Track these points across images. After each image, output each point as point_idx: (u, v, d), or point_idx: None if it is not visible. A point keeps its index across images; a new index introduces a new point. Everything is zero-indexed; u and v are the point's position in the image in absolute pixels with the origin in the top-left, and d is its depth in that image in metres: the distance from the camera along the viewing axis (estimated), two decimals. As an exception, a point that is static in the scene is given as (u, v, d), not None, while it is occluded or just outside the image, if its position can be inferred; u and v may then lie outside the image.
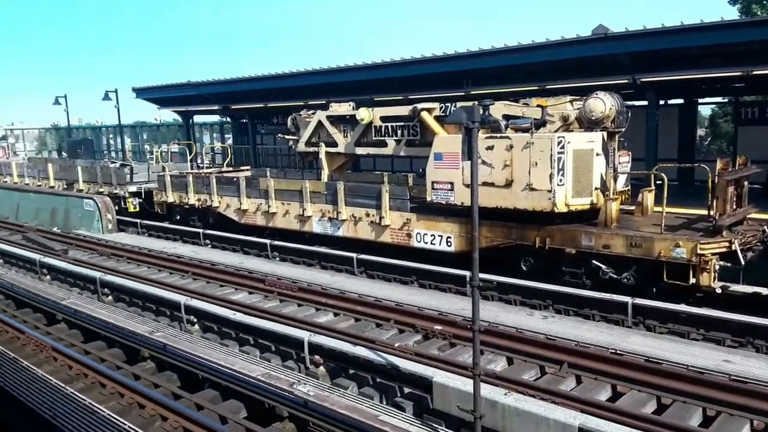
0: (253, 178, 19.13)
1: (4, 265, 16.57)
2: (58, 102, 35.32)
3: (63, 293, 12.82)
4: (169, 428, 6.97)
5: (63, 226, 21.29)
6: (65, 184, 26.60)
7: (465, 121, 5.89)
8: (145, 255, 16.39)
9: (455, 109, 7.37)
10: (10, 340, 10.03)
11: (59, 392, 7.78)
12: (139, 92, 31.09)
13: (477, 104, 5.92)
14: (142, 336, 9.57)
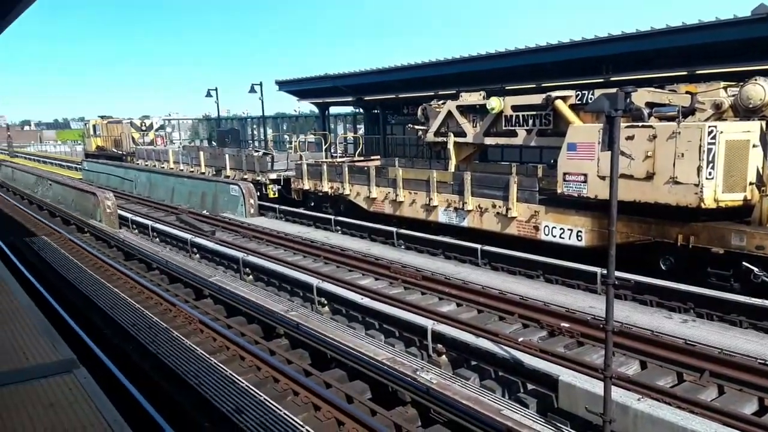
0: (383, 168, 19.58)
1: (160, 243, 18.42)
2: (209, 95, 38.56)
3: (210, 271, 14.01)
4: (299, 402, 7.41)
5: (211, 209, 23.22)
6: (214, 170, 29.00)
7: (607, 109, 5.58)
8: (282, 238, 17.41)
9: (597, 97, 7.01)
10: (163, 312, 11.17)
11: (204, 362, 8.55)
12: (281, 85, 33.01)
13: (619, 91, 5.57)
14: (278, 314, 10.22)
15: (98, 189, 22.65)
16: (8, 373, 5.43)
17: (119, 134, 44.42)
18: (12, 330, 6.60)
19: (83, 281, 13.02)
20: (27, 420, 4.55)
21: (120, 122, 45.76)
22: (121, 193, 29.13)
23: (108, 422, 4.42)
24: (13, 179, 35.33)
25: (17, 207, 26.07)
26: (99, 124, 46.54)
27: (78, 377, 5.26)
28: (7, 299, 7.85)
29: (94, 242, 18.28)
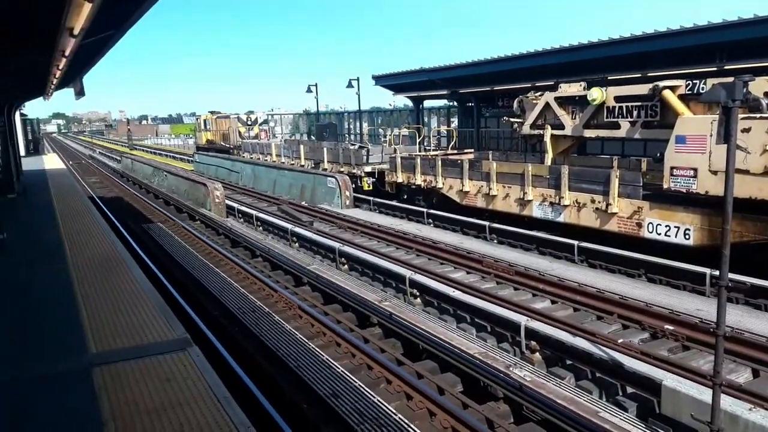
0: (476, 161, 19.40)
1: (263, 231, 19.38)
2: (309, 90, 39.88)
3: (308, 259, 14.59)
4: (392, 391, 7.60)
5: (310, 200, 24.07)
6: (313, 163, 30.00)
7: (723, 100, 5.23)
8: (375, 230, 17.76)
9: (711, 87, 6.57)
10: (265, 297, 11.78)
11: (303, 346, 8.96)
12: (377, 80, 33.50)
13: (737, 80, 5.21)
14: (372, 303, 10.49)
15: (208, 180, 24.15)
16: (131, 349, 6.02)
17: (227, 129, 46.95)
18: (133, 310, 7.27)
19: (194, 266, 14.00)
20: (146, 392, 5.03)
21: (228, 117, 48.38)
22: (228, 184, 30.85)
23: (218, 398, 4.80)
24: (132, 170, 38.41)
25: (136, 196, 28.36)
26: (209, 119, 49.48)
27: (191, 355, 5.73)
28: (129, 281, 8.64)
29: (204, 229, 19.56)
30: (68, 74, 12.41)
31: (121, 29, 8.56)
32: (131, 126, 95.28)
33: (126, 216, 21.89)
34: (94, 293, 8.03)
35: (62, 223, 13.77)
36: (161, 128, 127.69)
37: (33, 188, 20.86)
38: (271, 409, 6.86)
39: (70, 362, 5.70)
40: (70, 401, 4.93)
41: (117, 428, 4.40)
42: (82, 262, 9.86)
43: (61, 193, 19.62)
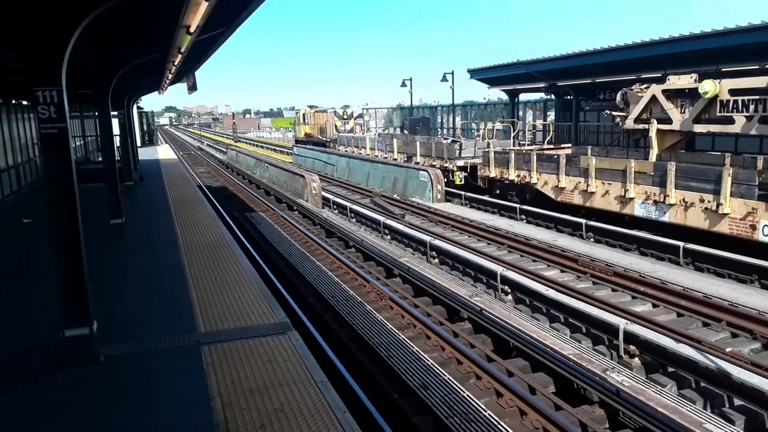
0: (574, 156, 18.77)
1: (356, 223, 19.82)
2: (404, 84, 40.17)
3: (400, 252, 14.78)
4: (482, 387, 7.58)
5: (402, 193, 24.30)
6: (405, 156, 30.24)
7: None
8: (466, 224, 17.66)
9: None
10: (358, 287, 12.08)
11: (393, 337, 9.13)
12: (473, 73, 33.15)
13: None
14: (462, 298, 10.49)
15: (306, 172, 25.02)
16: (235, 330, 6.43)
17: (324, 122, 48.34)
18: (238, 293, 7.75)
19: (291, 253, 14.60)
20: (249, 372, 5.37)
21: (325, 111, 49.80)
22: (324, 176, 31.76)
23: (316, 382, 5.04)
24: (237, 161, 40.47)
25: (239, 186, 29.90)
26: (308, 113, 51.16)
27: (291, 339, 6.05)
28: (234, 266, 9.20)
29: (301, 219, 20.31)
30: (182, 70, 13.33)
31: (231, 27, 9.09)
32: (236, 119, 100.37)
33: (230, 205, 23.15)
34: (203, 276, 8.63)
35: (174, 209, 14.84)
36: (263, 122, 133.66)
37: (148, 177, 22.60)
38: (364, 396, 7.06)
39: (181, 339, 6.19)
40: (182, 375, 5.37)
41: (223, 404, 4.74)
42: (192, 247, 10.61)
43: (173, 182, 21.11)
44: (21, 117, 18.93)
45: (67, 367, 5.47)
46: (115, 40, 9.13)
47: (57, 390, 5.16)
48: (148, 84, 17.88)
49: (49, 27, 5.18)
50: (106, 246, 10.48)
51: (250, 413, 4.55)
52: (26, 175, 18.95)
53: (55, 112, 5.26)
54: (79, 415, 4.76)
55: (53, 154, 5.40)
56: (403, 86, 40.03)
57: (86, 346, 5.56)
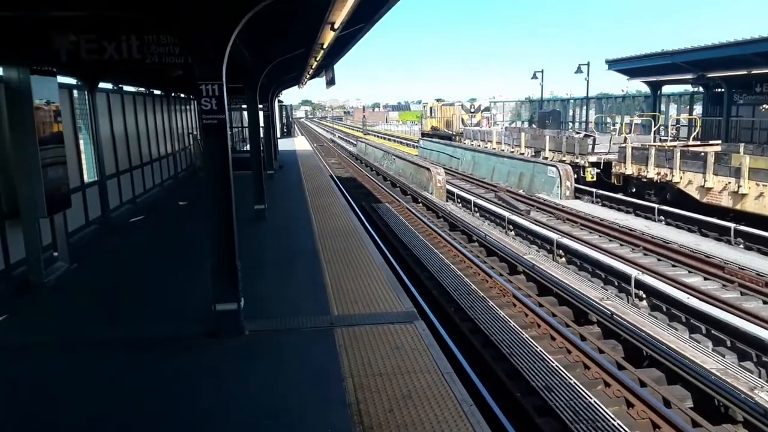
0: (724, 154, 17.20)
1: (480, 217, 19.69)
2: (535, 77, 39.00)
3: (524, 248, 14.49)
4: (611, 395, 7.28)
5: (528, 189, 23.74)
6: (533, 151, 29.43)
7: None
8: (597, 223, 16.89)
9: None
10: (480, 282, 12.03)
11: (516, 335, 9.03)
12: (611, 64, 31.42)
13: None
14: (591, 301, 10.10)
15: (432, 165, 25.25)
16: (365, 315, 6.72)
17: (451, 116, 48.35)
18: (368, 281, 8.08)
19: (415, 245, 14.86)
20: (378, 356, 5.61)
21: (452, 105, 49.79)
22: (448, 170, 31.79)
23: (442, 372, 5.16)
24: (365, 153, 41.72)
25: (367, 177, 30.84)
26: (435, 107, 51.46)
27: (418, 328, 6.22)
28: (364, 254, 9.58)
29: (425, 212, 20.57)
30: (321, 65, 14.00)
31: (370, 22, 9.42)
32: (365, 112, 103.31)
33: (358, 195, 23.98)
34: (335, 261, 9.09)
35: (309, 197, 15.68)
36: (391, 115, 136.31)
37: (286, 166, 24.04)
38: (485, 391, 7.07)
39: (316, 321, 6.59)
40: (316, 354, 5.73)
41: (354, 385, 5.00)
42: (325, 233, 11.19)
43: (308, 172, 22.29)
44: (179, 108, 20.97)
45: (217, 338, 6.06)
46: (265, 37, 9.84)
47: (208, 357, 5.74)
48: (291, 79, 19.01)
49: (215, 24, 5.71)
50: (250, 229, 11.35)
51: (380, 396, 4.76)
52: (181, 162, 20.98)
53: (216, 104, 5.81)
54: (225, 379, 5.27)
55: (213, 142, 5.96)
56: (533, 78, 38.92)
57: (234, 320, 6.12)
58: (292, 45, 10.80)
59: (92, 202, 11.29)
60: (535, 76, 38.94)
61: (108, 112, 12.72)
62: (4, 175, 7.86)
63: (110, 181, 12.41)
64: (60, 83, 8.91)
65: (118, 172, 13.17)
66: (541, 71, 38.79)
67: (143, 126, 15.55)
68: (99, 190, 11.66)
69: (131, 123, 14.43)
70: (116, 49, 8.35)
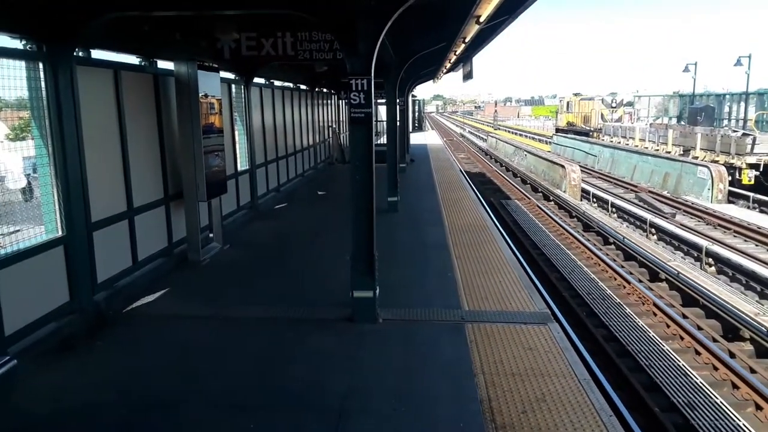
0: None
1: (618, 219, 18.65)
2: (687, 69, 35.88)
3: (668, 255, 13.54)
4: (763, 418, 6.69)
5: (673, 190, 22.06)
6: (681, 150, 27.24)
7: None
8: (753, 231, 15.35)
9: None
10: (616, 287, 11.45)
11: (654, 346, 8.53)
12: (777, 54, 28.16)
13: None
14: (744, 315, 9.25)
15: (566, 162, 24.30)
16: (496, 313, 6.70)
17: (589, 111, 46.08)
18: (499, 278, 8.03)
19: (546, 244, 14.47)
20: (510, 355, 5.57)
21: (592, 99, 47.38)
22: (584, 167, 30.43)
23: (578, 378, 5.02)
24: (495, 148, 41.11)
25: (496, 172, 30.42)
26: (572, 101, 49.33)
27: (552, 330, 6.09)
28: (495, 251, 9.53)
29: (556, 210, 19.91)
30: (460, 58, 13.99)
31: (513, 14, 9.26)
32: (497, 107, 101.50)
33: (487, 190, 23.75)
34: (466, 256, 9.14)
35: (440, 191, 15.82)
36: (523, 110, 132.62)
37: (417, 160, 24.39)
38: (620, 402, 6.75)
39: (447, 314, 6.69)
40: (448, 347, 5.83)
41: (486, 382, 5.03)
42: (456, 228, 11.27)
43: (438, 165, 22.45)
44: (321, 103, 22.05)
45: (354, 323, 6.37)
46: (409, 32, 10.05)
47: (345, 340, 6.06)
48: (427, 73, 19.23)
49: (368, 20, 5.96)
50: (384, 220, 11.70)
51: (512, 396, 4.75)
52: (321, 153, 22.06)
53: (364, 98, 6.08)
54: (360, 362, 5.54)
55: (359, 135, 6.23)
56: (685, 71, 35.88)
57: (370, 307, 6.39)
58: (434, 39, 10.92)
59: (243, 189, 12.25)
60: (687, 69, 35.86)
61: (260, 105, 13.69)
62: (171, 160, 8.78)
63: (259, 170, 13.38)
64: (221, 78, 9.75)
65: (266, 162, 14.16)
66: (695, 63, 35.67)
67: (289, 119, 16.55)
68: (249, 177, 12.63)
69: (279, 116, 15.42)
70: (272, 46, 9.01)
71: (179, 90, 8.52)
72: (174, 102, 8.73)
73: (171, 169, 8.80)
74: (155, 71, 8.51)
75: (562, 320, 9.46)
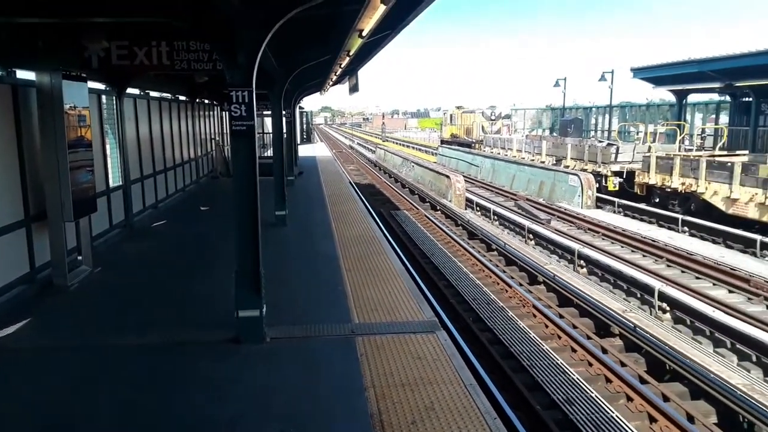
0: (751, 164, 16.93)
1: (499, 226, 19.58)
2: (557, 84, 38.79)
3: (545, 258, 14.38)
4: (633, 409, 7.18)
5: (548, 197, 23.56)
6: (554, 159, 29.22)
7: None
8: (619, 234, 16.71)
9: None
10: (499, 291, 11.95)
11: (535, 346, 8.96)
12: (636, 72, 31.11)
13: None
14: (613, 313, 9.98)
15: (451, 172, 25.19)
16: (386, 324, 6.72)
17: (471, 123, 48.21)
18: (388, 288, 8.08)
19: (434, 253, 14.82)
20: (400, 366, 5.60)
21: (473, 112, 49.64)
22: (468, 177, 31.67)
23: (465, 383, 5.13)
24: (384, 160, 41.76)
25: (386, 183, 30.86)
26: (455, 114, 51.39)
27: (440, 338, 6.20)
28: (385, 262, 9.59)
29: (443, 219, 20.51)
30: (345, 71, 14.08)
31: (396, 29, 9.46)
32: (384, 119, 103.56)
33: (376, 202, 24.01)
34: (356, 268, 9.12)
35: (329, 203, 15.74)
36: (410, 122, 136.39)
37: (306, 172, 24.17)
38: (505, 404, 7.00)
39: (338, 329, 6.60)
40: (338, 363, 5.74)
41: (376, 395, 4.99)
42: (345, 240, 11.23)
43: (327, 178, 22.38)
44: (202, 114, 21.22)
45: (240, 344, 6.10)
46: (292, 44, 9.93)
47: (230, 363, 5.78)
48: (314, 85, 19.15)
49: (248, 31, 5.78)
50: (272, 235, 11.43)
51: (402, 407, 4.75)
52: (203, 167, 21.20)
53: (245, 110, 5.88)
54: (247, 386, 5.30)
55: (241, 148, 6.01)
56: (556, 86, 38.74)
57: (257, 327, 6.15)
58: (318, 52, 10.89)
59: (116, 206, 11.46)
60: (558, 84, 38.75)
61: (135, 117, 12.92)
62: (33, 178, 8.02)
63: (134, 186, 12.59)
64: (89, 88, 9.07)
65: (142, 177, 13.35)
66: (564, 79, 38.57)
67: (167, 131, 15.75)
68: (123, 194, 11.83)
69: (156, 128, 14.63)
70: (146, 55, 8.50)
71: (42, 102, 7.83)
72: (36, 114, 7.99)
73: (33, 187, 8.03)
74: (14, 81, 7.79)
75: (450, 327, 9.71)
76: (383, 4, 5.99)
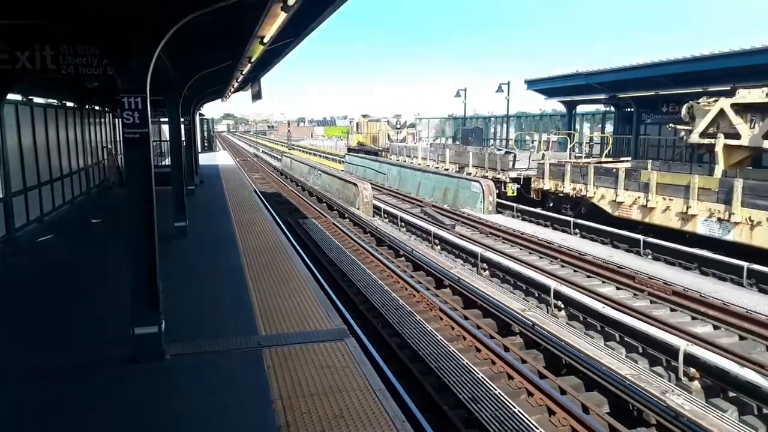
0: (634, 170, 18.34)
1: (407, 232, 19.90)
2: (458, 95, 40.12)
3: (450, 262, 14.77)
4: (533, 403, 7.52)
5: (452, 203, 24.26)
6: (457, 167, 30.15)
7: None
8: (518, 237, 17.49)
9: None
10: (407, 296, 12.13)
11: (443, 348, 9.15)
12: (530, 83, 32.83)
13: None
14: (513, 312, 10.41)
15: (359, 180, 25.30)
16: (294, 334, 6.61)
17: (377, 131, 48.74)
18: (296, 298, 7.95)
19: (343, 260, 14.81)
20: (309, 376, 5.52)
21: (378, 121, 50.23)
22: (375, 185, 31.97)
23: (374, 389, 5.14)
24: (290, 168, 41.24)
25: (293, 192, 30.49)
26: (361, 122, 51.74)
27: (348, 346, 6.17)
28: (291, 270, 9.44)
29: (352, 227, 20.55)
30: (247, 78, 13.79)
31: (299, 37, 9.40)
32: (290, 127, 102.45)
33: (283, 210, 23.65)
34: (262, 279, 8.90)
35: (233, 213, 15.29)
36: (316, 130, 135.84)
37: (208, 181, 23.36)
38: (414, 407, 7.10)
39: (243, 341, 6.40)
40: (244, 377, 5.57)
41: (284, 407, 4.89)
42: (251, 250, 10.94)
43: (231, 186, 21.74)
44: (92, 121, 19.95)
45: (136, 364, 5.75)
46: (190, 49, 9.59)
47: (126, 385, 5.44)
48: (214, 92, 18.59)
49: (140, 35, 5.50)
50: (171, 247, 10.91)
51: (311, 418, 4.68)
52: (95, 177, 19.93)
53: (138, 117, 5.58)
54: (144, 409, 5.01)
55: (135, 157, 5.71)
56: (457, 96, 40.01)
57: (154, 344, 5.83)
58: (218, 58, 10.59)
59: (-4, 220, 10.52)
60: (459, 94, 40.07)
61: (17, 124, 11.94)
62: None
63: (16, 198, 11.61)
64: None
65: (26, 188, 12.35)
66: (464, 89, 39.97)
67: (54, 140, 14.68)
68: (4, 207, 10.87)
69: (41, 136, 13.59)
70: (29, 59, 7.86)
71: None
72: None
73: None
74: None
75: (359, 334, 9.71)
76: (284, 12, 5.93)
